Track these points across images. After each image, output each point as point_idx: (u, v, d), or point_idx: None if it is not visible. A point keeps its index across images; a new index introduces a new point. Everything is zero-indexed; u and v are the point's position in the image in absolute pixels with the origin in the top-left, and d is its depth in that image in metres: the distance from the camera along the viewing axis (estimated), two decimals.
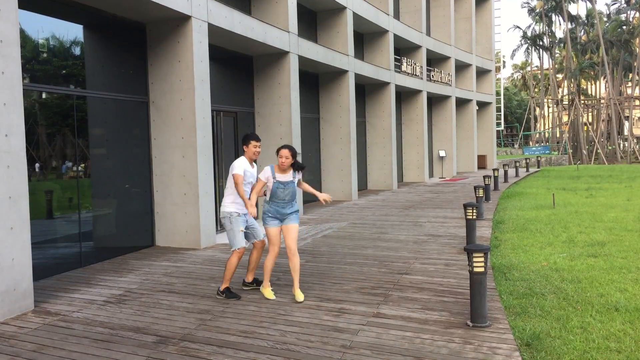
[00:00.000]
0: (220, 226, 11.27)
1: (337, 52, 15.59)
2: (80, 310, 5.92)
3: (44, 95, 8.05)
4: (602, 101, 59.09)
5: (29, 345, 4.91)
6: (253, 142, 6.33)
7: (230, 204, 6.23)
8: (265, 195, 6.23)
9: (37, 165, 7.80)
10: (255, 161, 6.53)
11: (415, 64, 21.70)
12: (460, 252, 8.44)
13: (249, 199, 6.14)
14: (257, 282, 6.63)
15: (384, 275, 7.15)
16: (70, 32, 8.34)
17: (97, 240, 8.83)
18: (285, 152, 6.01)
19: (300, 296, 6.07)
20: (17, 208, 5.81)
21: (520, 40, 63.68)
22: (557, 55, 67.53)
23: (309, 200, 15.66)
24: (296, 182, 6.21)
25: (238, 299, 6.17)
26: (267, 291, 6.26)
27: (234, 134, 12.15)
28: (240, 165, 6.22)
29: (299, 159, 13.35)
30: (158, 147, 9.55)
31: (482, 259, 5.08)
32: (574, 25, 61.23)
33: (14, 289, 5.77)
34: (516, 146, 61.98)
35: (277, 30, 12.18)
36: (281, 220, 6.15)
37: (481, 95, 29.97)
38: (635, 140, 57.41)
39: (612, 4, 61.18)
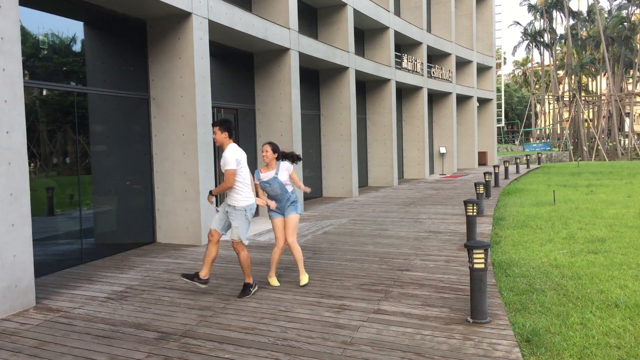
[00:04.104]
0: None
1: (337, 48, 15.58)
2: (82, 307, 5.94)
3: (44, 92, 8.06)
4: (603, 98, 59.03)
5: (31, 342, 4.93)
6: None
7: (244, 198, 6.14)
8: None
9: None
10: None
11: (415, 61, 21.67)
12: (460, 248, 8.45)
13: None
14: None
15: (384, 271, 7.17)
16: (71, 29, 8.35)
17: (98, 237, 8.84)
18: (265, 147, 6.49)
19: (304, 279, 6.57)
20: (19, 205, 5.82)
21: (521, 37, 63.61)
22: (557, 51, 67.43)
23: (310, 197, 15.67)
24: (281, 176, 6.46)
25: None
26: (273, 280, 6.62)
27: (234, 131, 12.14)
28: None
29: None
30: (159, 143, 9.56)
31: (483, 256, 5.09)
32: (575, 22, 61.11)
33: (16, 286, 5.79)
34: (517, 143, 61.94)
35: (278, 27, 12.17)
36: (282, 214, 6.54)
37: (482, 91, 29.94)
38: (636, 137, 57.37)
39: (614, 0, 61.08)
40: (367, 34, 19.82)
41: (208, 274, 6.27)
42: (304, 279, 6.57)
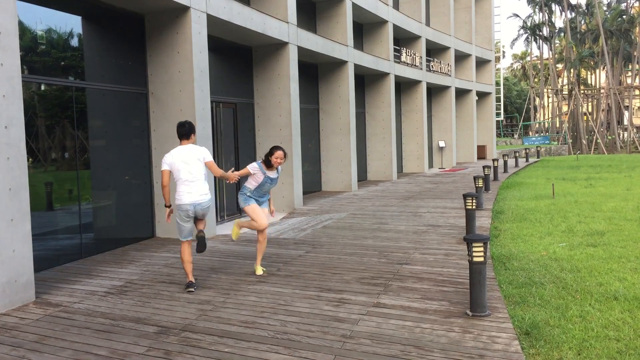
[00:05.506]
0: (220, 217, 11.29)
1: (336, 42, 15.54)
2: (82, 301, 5.94)
3: (43, 87, 8.04)
4: (602, 91, 59.00)
5: (31, 336, 4.93)
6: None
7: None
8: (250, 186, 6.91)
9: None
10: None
11: (414, 55, 21.63)
12: (459, 242, 8.46)
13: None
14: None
15: (384, 265, 7.18)
16: (69, 23, 8.31)
17: (97, 232, 8.84)
18: (280, 154, 6.71)
19: (260, 270, 6.90)
20: (18, 200, 5.82)
21: (520, 30, 63.50)
22: (556, 45, 67.32)
23: (309, 191, 15.67)
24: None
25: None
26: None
27: (233, 125, 12.15)
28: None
29: (298, 149, 13.34)
30: (158, 138, 9.54)
31: (482, 249, 5.09)
32: (573, 15, 60.99)
33: (15, 281, 5.79)
34: (516, 136, 61.96)
35: (276, 21, 12.13)
36: (258, 202, 6.97)
37: (481, 85, 29.91)
38: (634, 130, 57.36)
39: None
40: (365, 27, 19.77)
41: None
42: (260, 270, 6.91)
